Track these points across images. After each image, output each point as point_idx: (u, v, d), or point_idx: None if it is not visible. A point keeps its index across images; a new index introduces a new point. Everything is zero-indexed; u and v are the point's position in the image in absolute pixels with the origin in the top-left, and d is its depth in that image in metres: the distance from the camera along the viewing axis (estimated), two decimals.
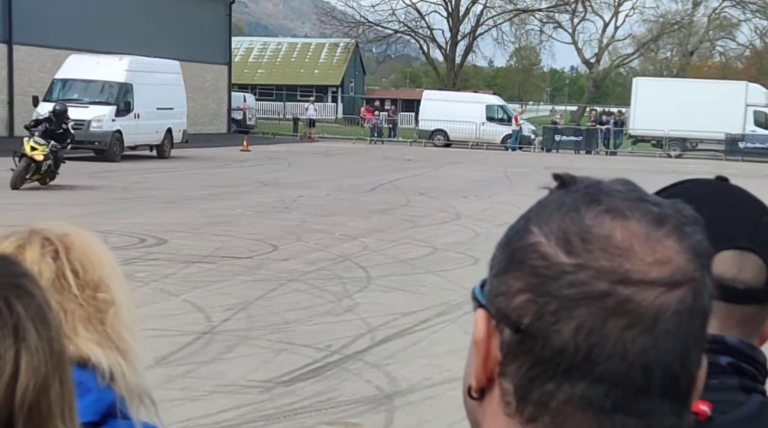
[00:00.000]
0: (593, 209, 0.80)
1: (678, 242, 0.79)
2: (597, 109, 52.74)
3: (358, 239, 13.93)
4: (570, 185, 0.84)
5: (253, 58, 79.22)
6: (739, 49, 69.09)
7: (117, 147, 27.85)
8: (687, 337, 0.79)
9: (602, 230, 0.79)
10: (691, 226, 0.81)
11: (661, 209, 0.81)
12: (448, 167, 30.82)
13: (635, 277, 0.77)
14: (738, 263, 1.20)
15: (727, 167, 35.14)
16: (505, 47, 68.46)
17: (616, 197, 0.81)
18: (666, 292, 0.77)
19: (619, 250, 0.78)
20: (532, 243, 0.80)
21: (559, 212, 0.81)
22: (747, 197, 1.28)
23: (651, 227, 0.79)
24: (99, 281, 1.45)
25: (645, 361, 0.77)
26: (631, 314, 0.77)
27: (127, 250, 12.16)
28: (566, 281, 0.77)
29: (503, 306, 0.81)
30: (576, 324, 0.77)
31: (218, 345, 7.93)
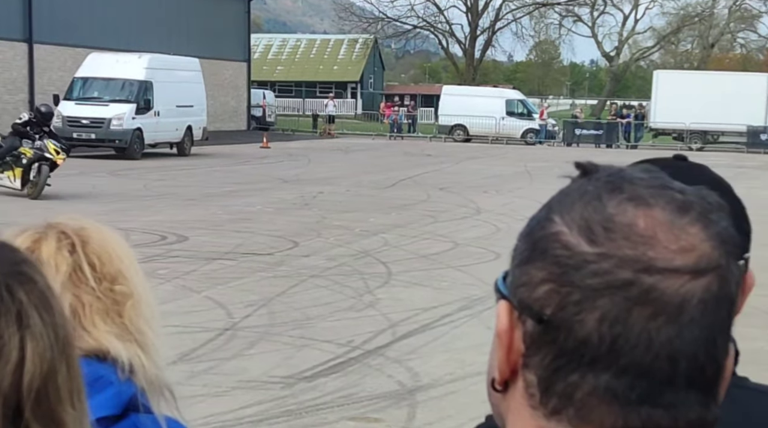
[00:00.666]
0: (616, 197, 0.79)
1: (703, 230, 0.78)
2: (617, 102, 52.53)
3: (379, 234, 13.93)
4: (592, 173, 0.82)
5: (272, 55, 79.32)
6: (760, 41, 68.62)
7: (137, 145, 27.96)
8: (713, 325, 0.77)
9: (625, 218, 0.77)
10: (716, 213, 0.80)
11: (686, 196, 0.80)
12: (468, 162, 30.77)
13: (659, 265, 0.76)
14: None
15: (749, 160, 34.90)
16: (525, 41, 68.30)
17: (638, 184, 0.80)
18: (691, 280, 0.76)
19: (642, 238, 0.76)
20: (554, 232, 0.79)
21: (581, 200, 0.80)
22: (708, 176, 1.27)
23: (675, 214, 0.78)
24: (117, 274, 1.45)
25: (670, 351, 0.76)
26: (655, 303, 0.75)
27: (149, 247, 12.21)
28: (589, 271, 0.76)
29: (525, 297, 0.80)
30: (600, 314, 0.76)
31: (240, 341, 7.95)
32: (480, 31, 62.42)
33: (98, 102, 27.84)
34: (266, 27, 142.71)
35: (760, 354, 6.96)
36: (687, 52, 73.44)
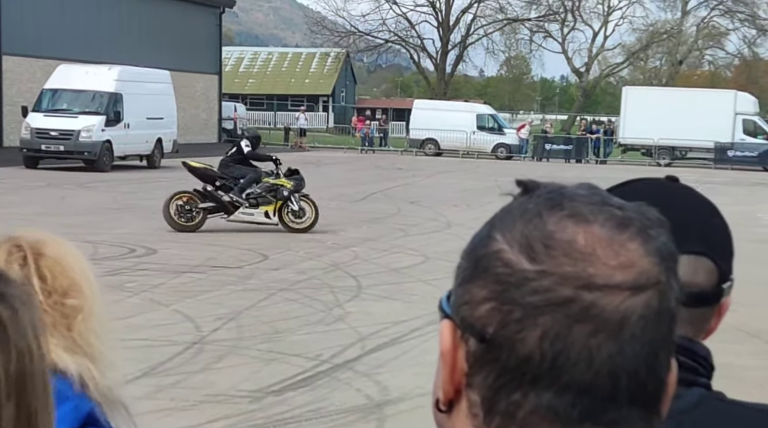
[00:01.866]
0: (556, 214, 0.79)
1: (642, 246, 0.78)
2: (587, 118, 52.89)
3: (349, 248, 13.92)
4: (533, 190, 0.83)
5: (244, 67, 79.25)
6: (727, 59, 69.39)
7: (107, 157, 27.79)
8: (654, 341, 0.77)
9: (565, 235, 0.77)
10: (656, 229, 0.80)
11: (625, 213, 0.80)
12: (439, 176, 30.83)
13: (599, 282, 0.76)
14: (692, 267, 1.19)
15: (716, 176, 35.23)
16: (496, 56, 68.54)
17: (578, 201, 0.80)
18: (631, 296, 0.76)
19: (582, 255, 0.77)
20: (495, 250, 0.79)
21: (522, 218, 0.80)
22: (697, 198, 1.28)
23: (614, 230, 0.78)
24: (68, 288, 1.43)
25: (611, 368, 0.76)
26: (596, 319, 0.75)
27: (117, 260, 12.13)
28: (530, 288, 0.76)
29: (468, 316, 0.79)
30: (541, 332, 0.76)
31: (208, 354, 7.90)
32: (451, 46, 62.68)
33: (67, 114, 27.66)
34: (238, 40, 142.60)
35: (730, 369, 7.01)
36: (656, 69, 74.10)
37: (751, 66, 67.10)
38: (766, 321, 9.19)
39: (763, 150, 40.81)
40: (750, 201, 24.16)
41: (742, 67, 69.49)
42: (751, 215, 20.65)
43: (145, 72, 30.92)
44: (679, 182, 1.30)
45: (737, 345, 8.06)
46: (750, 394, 6.27)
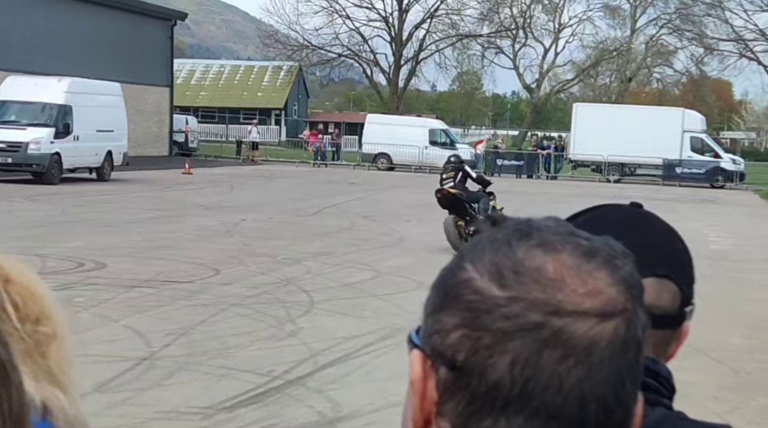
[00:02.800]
0: (525, 243, 0.80)
1: (609, 275, 0.80)
2: (538, 133, 53.37)
3: (302, 262, 13.88)
4: (501, 223, 0.85)
5: (196, 80, 78.82)
6: (675, 76, 70.41)
7: (55, 170, 27.47)
8: (621, 369, 0.78)
9: (534, 262, 0.79)
10: (621, 259, 0.82)
11: (591, 243, 0.82)
12: (392, 190, 30.90)
13: (568, 308, 0.77)
14: (656, 289, 1.22)
15: (664, 192, 35.70)
16: (448, 72, 68.94)
17: (546, 231, 0.82)
18: (600, 323, 0.78)
19: (551, 282, 0.78)
20: (465, 279, 0.80)
21: (491, 247, 0.81)
22: (661, 224, 1.31)
23: (582, 259, 0.80)
24: (40, 315, 1.41)
25: (580, 393, 0.77)
26: (565, 345, 0.77)
27: (66, 274, 11.97)
28: (500, 314, 0.77)
29: (438, 344, 0.80)
30: (511, 357, 0.77)
31: (158, 371, 7.82)
32: (404, 61, 62.94)
33: (15, 126, 27.29)
34: (190, 52, 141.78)
35: (677, 385, 7.08)
36: (605, 86, 74.98)
37: (698, 84, 68.18)
38: (712, 336, 9.32)
39: (710, 167, 41.49)
40: (697, 218, 24.50)
41: (689, 85, 70.57)
42: (699, 232, 20.93)
43: (96, 84, 30.62)
44: (643, 208, 1.33)
45: (684, 361, 8.17)
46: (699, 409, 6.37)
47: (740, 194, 38.41)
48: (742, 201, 33.68)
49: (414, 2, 62.72)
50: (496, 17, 64.87)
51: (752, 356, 9.38)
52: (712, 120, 70.36)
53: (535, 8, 68.59)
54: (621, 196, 31.95)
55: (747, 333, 10.38)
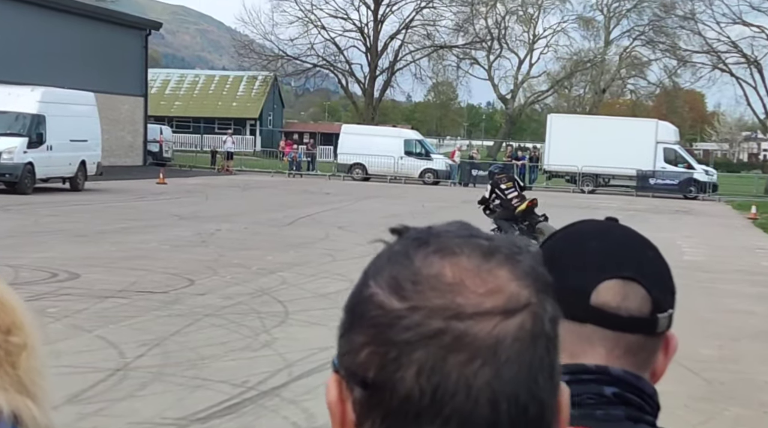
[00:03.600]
0: (422, 251, 0.81)
1: (510, 271, 0.80)
2: (513, 144, 53.58)
3: (276, 273, 13.84)
4: (403, 234, 0.85)
5: (170, 90, 78.59)
6: (649, 88, 70.89)
7: (28, 180, 27.29)
8: (531, 364, 0.78)
9: (432, 270, 0.79)
10: (524, 254, 0.82)
11: (492, 243, 0.82)
12: (367, 201, 30.90)
13: (469, 310, 0.77)
14: (622, 291, 1.21)
15: (638, 203, 35.92)
16: (423, 82, 69.16)
17: (445, 237, 0.82)
18: (503, 320, 0.78)
19: (450, 286, 0.78)
20: (368, 295, 0.80)
21: (390, 260, 0.82)
22: (634, 233, 1.31)
23: (481, 260, 0.80)
24: (11, 325, 1.41)
25: (490, 394, 0.76)
26: (469, 347, 0.76)
27: (39, 285, 11.88)
28: (402, 326, 0.77)
29: (350, 364, 0.80)
30: (417, 367, 0.76)
31: (132, 381, 7.77)
32: (379, 71, 63.00)
33: None
34: (164, 62, 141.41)
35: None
36: (579, 97, 75.37)
37: (671, 95, 68.68)
38: (685, 346, 9.37)
39: (684, 178, 41.80)
40: (670, 228, 24.66)
41: (663, 97, 71.08)
42: (672, 243, 21.06)
43: (69, 94, 30.46)
44: (618, 222, 1.34)
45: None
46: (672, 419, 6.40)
47: (713, 205, 38.72)
48: (715, 212, 33.93)
49: (389, 13, 62.87)
50: (471, 28, 65.09)
51: (725, 366, 9.45)
52: (685, 131, 70.90)
53: (510, 19, 68.91)
54: (594, 206, 32.13)
55: (720, 344, 10.45)
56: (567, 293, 1.21)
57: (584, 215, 6.50)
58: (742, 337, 11.08)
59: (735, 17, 54.54)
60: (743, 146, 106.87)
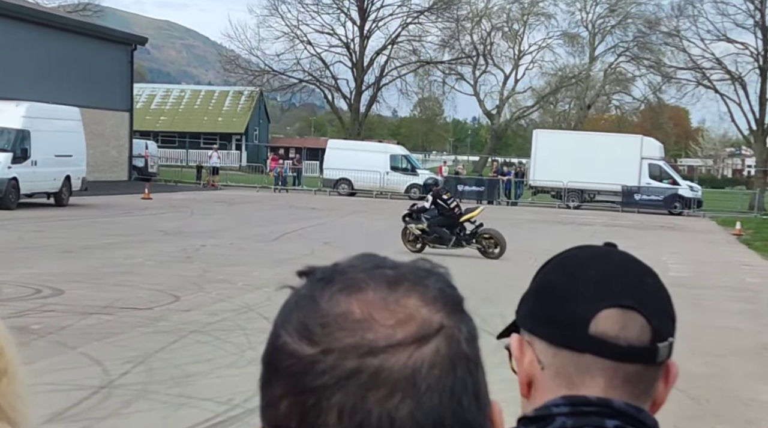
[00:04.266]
0: (327, 291, 0.80)
1: (419, 298, 0.79)
2: (498, 159, 53.72)
3: (262, 289, 13.79)
4: (308, 276, 0.83)
5: (156, 104, 78.51)
6: (634, 104, 71.20)
7: (12, 195, 27.15)
8: (453, 387, 0.78)
9: (339, 309, 0.78)
10: (431, 277, 0.82)
11: (397, 271, 0.81)
12: (353, 216, 30.88)
13: (381, 344, 0.76)
14: (621, 321, 1.20)
15: (623, 219, 36.01)
16: (409, 97, 69.15)
17: (350, 272, 0.81)
18: (417, 349, 0.77)
19: (359, 323, 0.77)
20: (280, 345, 0.79)
21: (297, 306, 0.81)
22: (633, 260, 1.29)
23: (387, 291, 0.79)
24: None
25: (414, 425, 0.75)
26: (387, 381, 0.76)
27: (22, 301, 11.80)
28: (316, 372, 0.76)
29: (272, 418, 0.79)
30: (337, 410, 0.75)
31: (116, 399, 7.71)
32: (365, 87, 63.07)
33: None
34: (150, 77, 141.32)
35: None
36: (565, 113, 75.67)
37: (656, 111, 69.02)
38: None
39: (668, 194, 41.97)
40: (656, 245, 24.73)
41: (647, 113, 71.42)
42: (657, 259, 21.11)
43: (54, 109, 30.38)
44: (617, 247, 1.32)
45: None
46: None
47: (698, 220, 38.87)
48: (700, 228, 34.06)
49: (375, 29, 62.99)
50: (457, 44, 65.29)
51: (711, 383, 9.45)
52: (670, 147, 71.21)
53: (496, 35, 69.18)
54: (580, 222, 32.21)
55: (706, 361, 10.46)
56: (565, 322, 1.20)
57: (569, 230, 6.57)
58: (728, 353, 11.10)
59: (719, 34, 54.87)
60: (727, 162, 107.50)
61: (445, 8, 62.46)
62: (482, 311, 12.48)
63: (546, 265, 1.30)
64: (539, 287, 1.26)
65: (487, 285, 15.10)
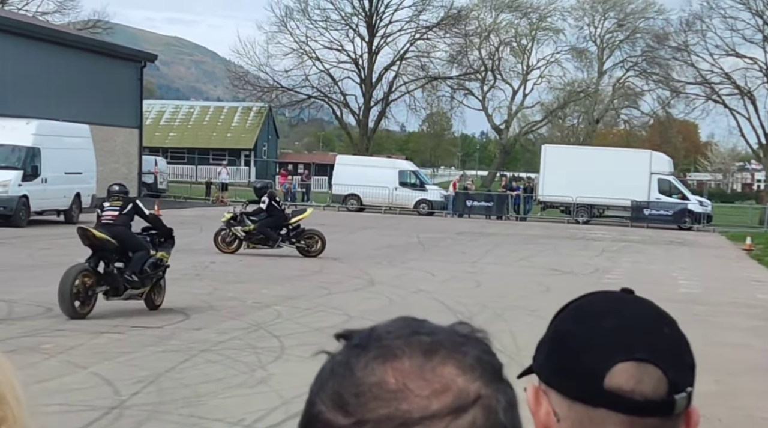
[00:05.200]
0: (362, 359, 0.79)
1: (456, 366, 0.78)
2: (507, 174, 53.71)
3: (272, 306, 13.80)
4: (346, 339, 0.83)
5: (165, 121, 78.73)
6: (643, 118, 71.19)
7: (23, 213, 27.24)
8: None
9: (374, 378, 0.77)
10: (469, 344, 0.80)
11: (434, 338, 0.80)
12: (362, 232, 30.88)
13: (416, 416, 0.75)
14: (636, 375, 1.18)
15: (632, 234, 35.92)
16: (418, 113, 69.21)
17: (386, 339, 0.80)
18: (453, 420, 0.76)
19: (393, 393, 0.76)
20: (315, 414, 0.79)
21: (332, 374, 0.80)
22: (650, 308, 1.27)
23: (423, 359, 0.78)
24: None
25: None
26: None
27: (33, 320, 11.83)
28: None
29: None
30: None
31: (127, 420, 7.72)
32: (374, 102, 63.20)
33: None
34: (159, 93, 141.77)
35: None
36: (573, 127, 75.67)
37: (665, 126, 68.95)
38: None
39: (678, 209, 41.86)
40: (665, 260, 24.66)
41: (656, 127, 71.36)
42: (668, 275, 21.08)
43: (64, 126, 30.50)
44: (634, 293, 1.30)
45: None
46: None
47: (707, 235, 38.76)
48: (710, 243, 33.96)
49: (384, 45, 63.18)
50: (465, 59, 65.44)
51: (722, 402, 9.40)
52: (679, 162, 71.08)
53: (504, 51, 69.35)
54: (589, 237, 32.14)
55: (716, 379, 10.40)
56: (580, 375, 1.19)
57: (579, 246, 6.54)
58: (739, 371, 11.05)
59: (728, 49, 54.93)
60: (737, 177, 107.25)
61: (453, 24, 62.63)
62: (492, 327, 12.50)
63: (562, 311, 1.29)
64: (554, 337, 1.26)
65: (497, 303, 15.09)
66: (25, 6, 61.19)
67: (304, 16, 62.03)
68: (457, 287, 17.01)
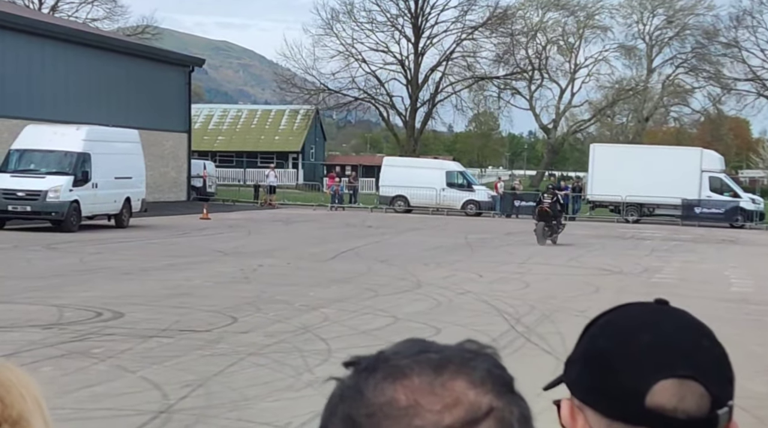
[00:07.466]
0: (372, 380, 0.79)
1: (466, 380, 0.77)
2: (555, 174, 53.37)
3: (319, 309, 13.82)
4: (355, 365, 0.83)
5: (213, 125, 79.37)
6: (693, 116, 70.36)
7: (74, 217, 27.59)
8: None
9: (384, 397, 0.77)
10: (478, 359, 0.80)
11: (443, 354, 0.80)
12: (409, 233, 30.85)
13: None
14: (679, 392, 1.14)
15: (683, 232, 35.49)
16: (464, 113, 69.07)
17: (394, 359, 0.80)
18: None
19: (404, 410, 0.76)
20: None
21: (342, 398, 0.81)
22: (686, 320, 1.22)
23: (432, 375, 0.77)
24: (18, 418, 1.37)
25: None
26: None
27: (83, 324, 11.95)
28: None
29: None
30: None
31: (175, 424, 7.76)
32: (420, 104, 63.19)
33: (35, 174, 27.49)
34: (207, 96, 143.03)
35: None
36: (622, 126, 75.00)
37: (716, 123, 68.08)
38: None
39: (730, 207, 41.28)
40: (717, 259, 24.32)
41: (707, 125, 70.47)
42: (719, 274, 20.79)
43: (114, 132, 30.86)
44: (669, 304, 1.26)
45: None
46: None
47: (760, 233, 38.17)
48: (762, 241, 33.43)
49: (429, 45, 63.13)
50: (511, 59, 65.15)
51: None
52: (730, 159, 70.19)
53: (551, 49, 68.96)
54: (639, 236, 31.81)
55: None
56: (619, 394, 1.14)
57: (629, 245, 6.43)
58: None
59: None
60: None
61: (499, 23, 62.40)
62: (540, 329, 12.39)
63: (592, 325, 1.25)
64: (587, 354, 1.21)
65: (545, 304, 14.98)
66: (75, 13, 62.09)
67: (349, 18, 62.28)
68: (505, 289, 16.91)
